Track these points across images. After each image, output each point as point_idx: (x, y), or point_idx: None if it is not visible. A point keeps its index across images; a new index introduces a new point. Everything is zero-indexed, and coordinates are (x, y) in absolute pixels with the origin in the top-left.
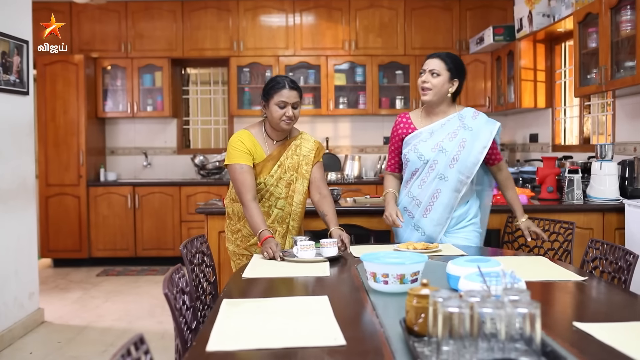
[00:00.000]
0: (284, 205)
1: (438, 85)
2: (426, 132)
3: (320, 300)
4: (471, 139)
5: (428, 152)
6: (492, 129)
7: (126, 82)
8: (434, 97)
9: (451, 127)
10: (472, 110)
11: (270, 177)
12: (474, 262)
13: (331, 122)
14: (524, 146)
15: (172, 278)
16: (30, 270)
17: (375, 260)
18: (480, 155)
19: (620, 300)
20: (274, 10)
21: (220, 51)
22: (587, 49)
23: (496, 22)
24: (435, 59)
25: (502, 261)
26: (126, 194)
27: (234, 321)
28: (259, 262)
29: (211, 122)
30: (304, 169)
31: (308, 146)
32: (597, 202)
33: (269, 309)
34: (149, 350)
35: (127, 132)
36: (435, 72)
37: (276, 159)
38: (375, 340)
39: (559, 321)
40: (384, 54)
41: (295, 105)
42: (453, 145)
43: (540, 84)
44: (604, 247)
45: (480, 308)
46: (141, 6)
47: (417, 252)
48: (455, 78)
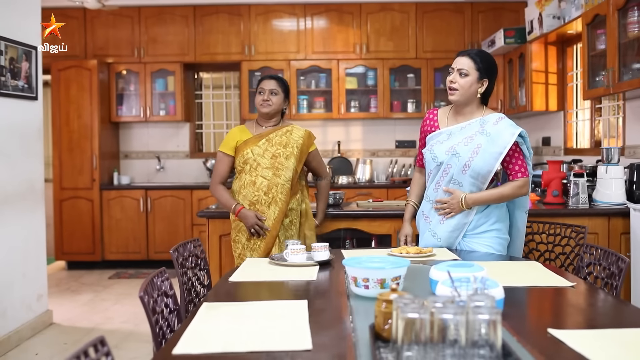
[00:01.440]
0: (269, 175)
1: (465, 86)
2: (445, 133)
3: (299, 304)
4: (487, 144)
5: (442, 154)
6: (512, 132)
7: (139, 86)
8: (460, 97)
9: (470, 131)
10: (497, 115)
11: (258, 148)
12: (455, 267)
13: (343, 126)
14: (537, 149)
15: (153, 281)
16: (38, 272)
17: (357, 264)
18: (495, 161)
19: (604, 307)
20: (285, 14)
21: (232, 55)
22: (596, 51)
23: (508, 25)
24: (464, 57)
25: (495, 266)
26: (138, 197)
27: (208, 324)
28: (249, 265)
29: (223, 126)
30: (292, 149)
31: (298, 133)
32: (602, 206)
33: (245, 313)
34: (110, 352)
35: (140, 136)
36: (463, 71)
37: (264, 136)
38: (342, 346)
39: (534, 327)
40: (396, 58)
41: (274, 92)
42: (467, 150)
43: (551, 86)
44: (598, 252)
45: (441, 314)
46: (154, 11)
47: (407, 257)
48: (485, 78)
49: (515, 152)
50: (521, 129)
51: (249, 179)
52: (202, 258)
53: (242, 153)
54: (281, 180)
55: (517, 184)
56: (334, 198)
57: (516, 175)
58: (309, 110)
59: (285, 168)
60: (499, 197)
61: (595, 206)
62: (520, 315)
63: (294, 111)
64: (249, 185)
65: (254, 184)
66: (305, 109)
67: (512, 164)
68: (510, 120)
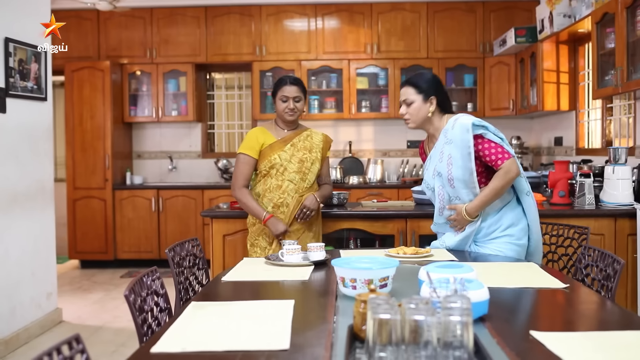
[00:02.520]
0: (296, 178)
1: (414, 112)
2: (427, 159)
3: (286, 304)
4: (454, 151)
5: (430, 179)
6: (466, 128)
7: (151, 87)
8: (415, 124)
9: (439, 146)
10: (453, 119)
11: (284, 153)
12: (445, 267)
13: (354, 126)
14: (549, 149)
15: (143, 280)
16: (47, 271)
17: (345, 265)
18: (469, 162)
19: (591, 309)
20: (296, 14)
21: (243, 56)
22: (605, 50)
23: (521, 24)
24: (404, 87)
25: (489, 267)
26: (150, 197)
27: (191, 324)
28: (245, 265)
29: (235, 126)
30: (317, 154)
31: (318, 137)
32: (609, 207)
33: (231, 313)
34: (85, 350)
35: (153, 136)
36: (408, 100)
37: (288, 141)
38: (319, 346)
39: (517, 329)
40: (407, 57)
41: (297, 99)
42: (443, 166)
43: (563, 86)
44: (595, 253)
45: (412, 315)
46: (166, 12)
47: (403, 257)
48: (431, 96)
49: (484, 143)
50: (472, 120)
51: (275, 183)
52: (201, 257)
53: (268, 158)
54: (306, 184)
55: (502, 171)
56: (338, 198)
57: (497, 163)
58: (320, 111)
59: (310, 172)
60: (494, 192)
61: (602, 207)
62: (505, 317)
63: (305, 111)
64: (275, 189)
65: (279, 188)
66: (316, 109)
67: (488, 155)
68: (463, 118)
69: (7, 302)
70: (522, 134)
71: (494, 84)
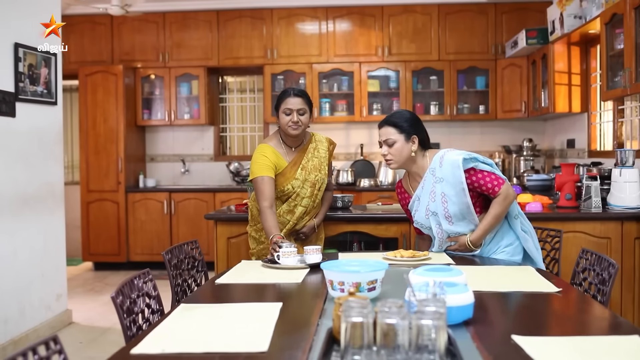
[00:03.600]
0: (308, 203)
1: (397, 153)
2: (415, 199)
3: (273, 306)
4: (447, 189)
5: (424, 219)
6: (457, 165)
7: (164, 90)
8: (398, 164)
9: (428, 186)
10: (438, 157)
11: (297, 180)
12: (433, 271)
13: (365, 129)
14: (562, 152)
15: (133, 282)
16: (57, 272)
17: (334, 268)
18: (465, 197)
19: (579, 314)
20: (307, 18)
21: (255, 59)
22: (614, 51)
23: (533, 25)
24: (384, 127)
25: (483, 271)
26: (162, 200)
27: (177, 325)
28: (241, 268)
29: (247, 129)
30: (324, 169)
31: (324, 146)
32: (616, 210)
33: (217, 315)
34: (63, 350)
35: (165, 139)
36: (389, 141)
37: (298, 163)
38: (298, 349)
39: (500, 333)
40: (418, 60)
41: (301, 112)
42: (438, 205)
43: (575, 87)
44: (592, 257)
45: (384, 319)
46: (178, 17)
47: (400, 260)
48: (412, 135)
49: (477, 174)
50: (461, 155)
51: (286, 208)
52: (200, 260)
53: (281, 188)
54: (315, 204)
55: (501, 197)
56: (342, 201)
57: (494, 190)
58: (331, 113)
59: (320, 192)
60: (496, 219)
61: (609, 210)
62: (490, 321)
63: (316, 114)
64: (286, 214)
65: (291, 213)
66: (327, 112)
67: (484, 185)
68: (450, 154)
69: (17, 303)
70: (534, 137)
71: (506, 86)
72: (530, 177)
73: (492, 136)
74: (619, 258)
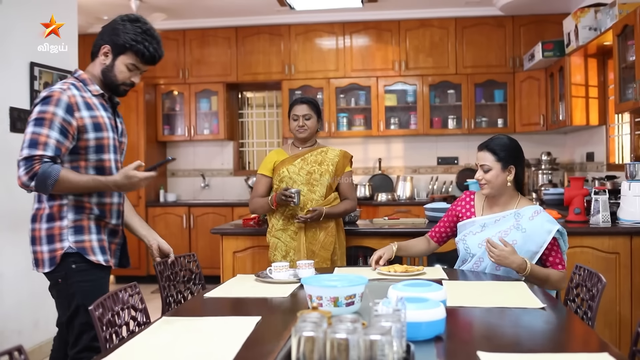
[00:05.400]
0: (304, 191)
1: (492, 180)
2: (479, 223)
3: (250, 320)
4: (522, 241)
5: (475, 247)
6: (549, 229)
7: (184, 106)
8: (491, 190)
9: (505, 224)
10: (532, 209)
11: (293, 167)
12: (412, 286)
13: (383, 143)
14: (582, 165)
15: (117, 295)
16: None
17: (313, 282)
18: (533, 259)
19: (555, 330)
20: (325, 33)
21: (273, 75)
22: (627, 63)
23: (551, 37)
24: (483, 151)
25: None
26: (182, 214)
27: (150, 339)
28: (233, 282)
29: (266, 144)
30: (328, 166)
31: (334, 153)
32: (625, 224)
33: (193, 328)
34: None
35: (186, 154)
36: (485, 167)
37: (300, 156)
38: None
39: (467, 349)
40: (435, 74)
41: (307, 117)
42: None
43: (592, 100)
44: (585, 273)
45: (334, 333)
46: (198, 34)
47: (392, 275)
48: (510, 165)
49: (554, 245)
50: (559, 225)
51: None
52: (197, 273)
53: (278, 172)
54: (316, 196)
55: (559, 276)
56: (349, 215)
57: (557, 267)
58: (349, 128)
59: (319, 184)
60: (545, 278)
61: (619, 224)
62: (462, 337)
63: (334, 129)
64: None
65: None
66: (345, 126)
67: (552, 257)
68: (547, 215)
69: (31, 315)
70: (554, 150)
71: (524, 99)
72: (547, 191)
73: None
74: (628, 274)
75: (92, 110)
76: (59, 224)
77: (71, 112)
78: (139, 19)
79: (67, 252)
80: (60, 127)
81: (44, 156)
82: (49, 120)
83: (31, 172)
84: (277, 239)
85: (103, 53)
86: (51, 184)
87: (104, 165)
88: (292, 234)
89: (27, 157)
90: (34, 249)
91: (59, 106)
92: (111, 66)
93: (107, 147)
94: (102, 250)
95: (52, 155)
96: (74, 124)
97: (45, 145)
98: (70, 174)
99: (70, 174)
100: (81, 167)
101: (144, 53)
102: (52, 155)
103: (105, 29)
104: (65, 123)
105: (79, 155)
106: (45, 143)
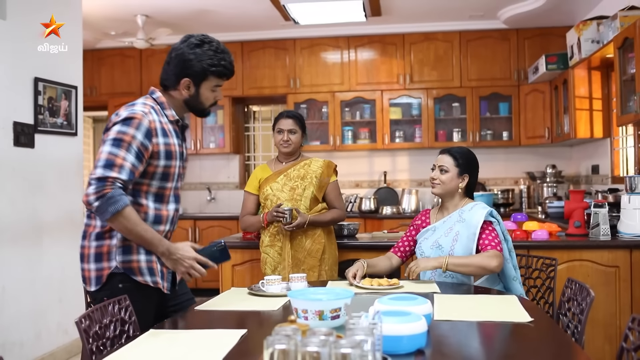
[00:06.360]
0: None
1: (446, 181)
2: (431, 229)
3: (235, 333)
4: (462, 230)
5: (427, 249)
6: (482, 212)
7: (190, 120)
8: (442, 190)
9: (450, 222)
10: (473, 203)
11: (276, 184)
12: (397, 300)
13: (389, 156)
14: (587, 178)
15: (106, 308)
16: (76, 298)
17: (299, 296)
18: (472, 243)
19: (537, 344)
20: (330, 47)
21: (278, 89)
22: (627, 75)
23: (556, 50)
24: (445, 155)
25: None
26: (188, 227)
27: (132, 352)
28: (227, 295)
29: (271, 157)
30: (311, 179)
31: (317, 164)
32: (625, 238)
33: (177, 341)
34: None
35: (193, 168)
36: (444, 168)
37: (283, 172)
38: None
39: None
40: (440, 87)
41: (292, 132)
42: (447, 241)
43: (596, 112)
44: (575, 286)
45: (305, 346)
46: None
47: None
48: (465, 173)
49: (487, 228)
50: (490, 209)
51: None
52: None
53: (262, 190)
54: (301, 209)
55: (487, 254)
56: (348, 229)
57: (487, 248)
58: (354, 141)
59: (304, 198)
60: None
61: (619, 238)
62: (444, 351)
63: (339, 142)
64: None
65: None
66: (350, 139)
67: (484, 239)
68: (484, 204)
69: (33, 327)
70: (560, 163)
71: (529, 112)
72: (551, 204)
73: (517, 163)
74: (628, 287)
75: (167, 138)
76: (108, 242)
77: (149, 137)
78: (203, 41)
79: (114, 272)
80: (137, 152)
81: (117, 179)
82: (128, 142)
83: (100, 193)
84: (267, 254)
85: (184, 87)
86: (112, 212)
87: (165, 193)
88: (278, 249)
89: (100, 178)
90: (82, 267)
91: (140, 130)
92: (196, 95)
93: (172, 175)
94: (150, 272)
95: (126, 179)
96: (149, 150)
97: (120, 168)
98: (134, 214)
99: (134, 214)
100: (142, 192)
101: (225, 73)
102: (126, 179)
103: (175, 61)
104: (142, 147)
105: (143, 179)
106: (121, 166)
